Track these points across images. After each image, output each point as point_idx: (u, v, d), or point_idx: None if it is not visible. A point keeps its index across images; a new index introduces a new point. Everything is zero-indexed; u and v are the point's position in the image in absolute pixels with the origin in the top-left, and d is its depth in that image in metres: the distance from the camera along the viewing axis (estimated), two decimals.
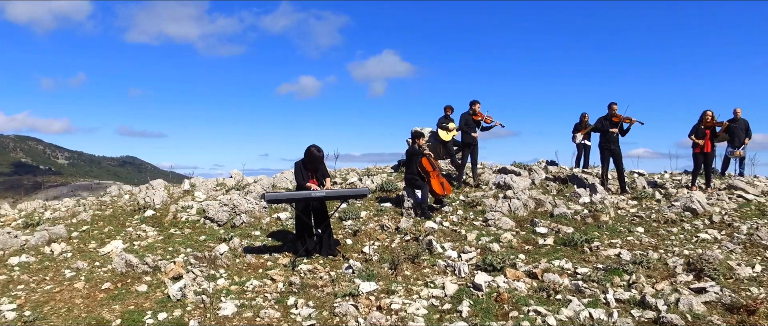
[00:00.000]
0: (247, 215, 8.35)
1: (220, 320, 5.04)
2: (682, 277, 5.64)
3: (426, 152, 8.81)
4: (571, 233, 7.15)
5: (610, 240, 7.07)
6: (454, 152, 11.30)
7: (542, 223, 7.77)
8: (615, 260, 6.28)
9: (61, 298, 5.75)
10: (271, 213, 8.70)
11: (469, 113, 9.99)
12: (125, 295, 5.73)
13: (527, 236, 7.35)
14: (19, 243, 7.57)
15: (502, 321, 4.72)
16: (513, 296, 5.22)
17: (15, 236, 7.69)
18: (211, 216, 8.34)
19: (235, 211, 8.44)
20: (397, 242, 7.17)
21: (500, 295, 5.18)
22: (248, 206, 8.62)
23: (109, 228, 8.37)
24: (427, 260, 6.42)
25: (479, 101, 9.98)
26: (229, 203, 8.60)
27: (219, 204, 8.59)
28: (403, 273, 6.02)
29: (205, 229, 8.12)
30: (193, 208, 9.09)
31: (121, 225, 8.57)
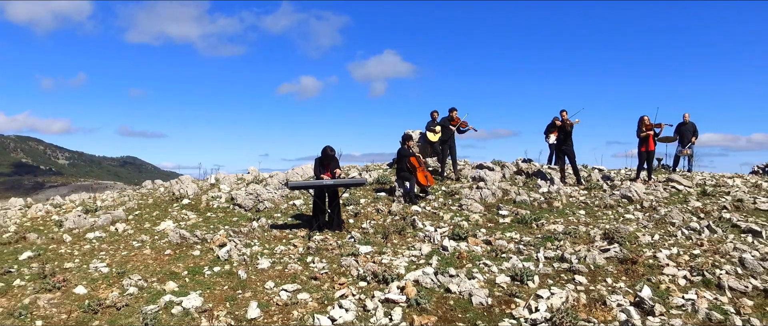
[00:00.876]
0: (269, 202, 10.36)
1: (259, 271, 7.05)
2: (598, 243, 7.65)
3: (414, 151, 10.81)
4: (525, 215, 9.15)
5: (554, 219, 9.08)
6: (439, 150, 13.28)
7: (505, 207, 9.78)
8: (553, 232, 8.29)
9: (136, 259, 7.76)
10: (287, 201, 10.71)
11: (448, 119, 11.99)
12: (184, 257, 7.74)
13: (491, 217, 9.36)
14: (89, 223, 9.57)
15: (459, 269, 6.73)
16: (470, 254, 7.23)
17: (85, 218, 9.70)
18: (239, 203, 10.35)
19: (258, 199, 10.44)
20: (389, 221, 9.17)
21: (461, 254, 7.19)
22: (269, 195, 10.64)
23: (156, 213, 10.38)
24: (410, 232, 8.42)
25: (456, 109, 11.98)
26: (253, 192, 10.61)
27: (245, 193, 10.61)
28: (391, 241, 8.03)
29: (235, 213, 10.13)
30: (222, 197, 11.10)
31: (165, 211, 10.57)
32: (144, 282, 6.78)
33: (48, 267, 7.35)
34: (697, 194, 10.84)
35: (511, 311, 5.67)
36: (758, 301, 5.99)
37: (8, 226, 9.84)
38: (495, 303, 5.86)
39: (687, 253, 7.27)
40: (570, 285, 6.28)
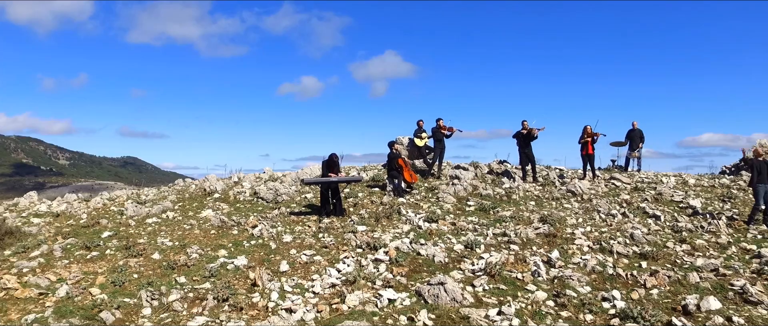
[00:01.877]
0: (285, 195, 13.07)
1: (285, 243, 9.74)
2: (534, 224, 10.34)
3: (401, 153, 13.49)
4: (486, 205, 11.84)
5: (508, 208, 11.78)
6: (426, 154, 15.97)
7: (473, 199, 12.47)
8: (500, 215, 10.98)
9: (191, 236, 10.45)
10: (300, 194, 13.41)
11: (437, 128, 14.68)
12: (226, 235, 10.43)
13: (460, 207, 12.05)
14: (145, 212, 12.26)
15: (428, 240, 9.44)
16: (438, 231, 9.93)
17: (141, 208, 12.39)
18: (262, 196, 13.04)
19: (277, 193, 13.13)
20: (380, 209, 11.85)
21: (431, 231, 9.89)
22: (285, 189, 13.34)
23: (195, 204, 13.07)
24: (396, 217, 11.11)
25: (442, 118, 14.67)
26: (272, 188, 13.31)
27: (266, 188, 13.31)
28: (381, 223, 10.73)
29: (258, 204, 12.82)
30: (247, 192, 13.80)
31: (201, 203, 13.26)
32: (201, 250, 9.49)
33: (127, 241, 10.07)
34: (629, 190, 13.55)
35: (460, 266, 8.37)
36: (633, 261, 8.68)
37: (80, 214, 12.54)
38: (450, 261, 8.56)
39: (597, 231, 9.98)
40: (505, 251, 8.98)
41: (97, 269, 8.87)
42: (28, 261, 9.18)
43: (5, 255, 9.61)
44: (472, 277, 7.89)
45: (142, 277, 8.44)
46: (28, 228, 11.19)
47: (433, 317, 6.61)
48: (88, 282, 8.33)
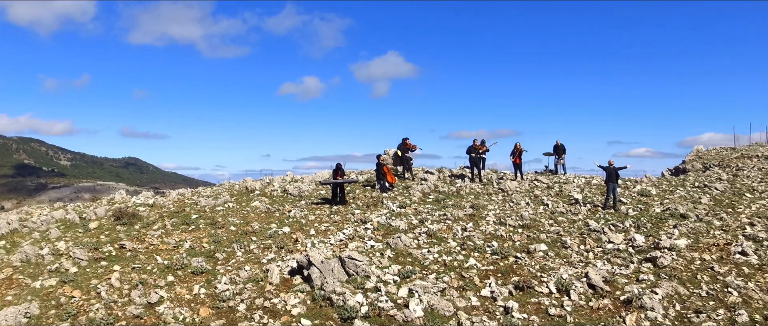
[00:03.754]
0: (306, 192, 19.43)
1: (309, 220, 16.10)
2: (466, 209, 16.68)
3: (386, 162, 19.81)
4: (440, 198, 18.17)
5: (454, 201, 18.12)
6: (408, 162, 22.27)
7: (433, 194, 18.80)
8: (450, 201, 17.31)
9: (250, 217, 16.80)
10: (316, 191, 19.76)
11: (403, 144, 20.96)
12: (272, 216, 16.79)
13: (423, 199, 18.39)
14: (213, 203, 18.59)
15: (398, 218, 15.80)
16: (405, 213, 16.30)
17: (210, 200, 18.72)
18: (290, 192, 19.39)
19: (300, 190, 19.48)
20: (371, 200, 18.16)
21: (400, 213, 16.26)
22: (305, 188, 19.70)
23: (244, 198, 19.41)
24: (381, 205, 17.44)
25: (408, 137, 20.97)
26: (296, 186, 19.66)
27: (292, 187, 19.66)
28: (370, 208, 17.08)
29: (288, 198, 19.16)
30: (278, 189, 20.15)
31: (248, 197, 19.58)
32: (259, 225, 15.85)
33: (210, 220, 16.42)
34: (543, 188, 19.89)
35: (413, 231, 14.70)
36: (516, 229, 15.00)
37: (168, 205, 18.86)
38: (408, 228, 14.91)
39: (503, 212, 16.32)
40: (442, 224, 15.32)
41: (200, 235, 15.21)
42: (154, 231, 15.53)
43: (136, 228, 15.96)
44: (418, 236, 14.23)
45: (229, 239, 14.77)
46: (141, 212, 17.55)
47: (393, 253, 12.95)
48: (198, 241, 14.67)
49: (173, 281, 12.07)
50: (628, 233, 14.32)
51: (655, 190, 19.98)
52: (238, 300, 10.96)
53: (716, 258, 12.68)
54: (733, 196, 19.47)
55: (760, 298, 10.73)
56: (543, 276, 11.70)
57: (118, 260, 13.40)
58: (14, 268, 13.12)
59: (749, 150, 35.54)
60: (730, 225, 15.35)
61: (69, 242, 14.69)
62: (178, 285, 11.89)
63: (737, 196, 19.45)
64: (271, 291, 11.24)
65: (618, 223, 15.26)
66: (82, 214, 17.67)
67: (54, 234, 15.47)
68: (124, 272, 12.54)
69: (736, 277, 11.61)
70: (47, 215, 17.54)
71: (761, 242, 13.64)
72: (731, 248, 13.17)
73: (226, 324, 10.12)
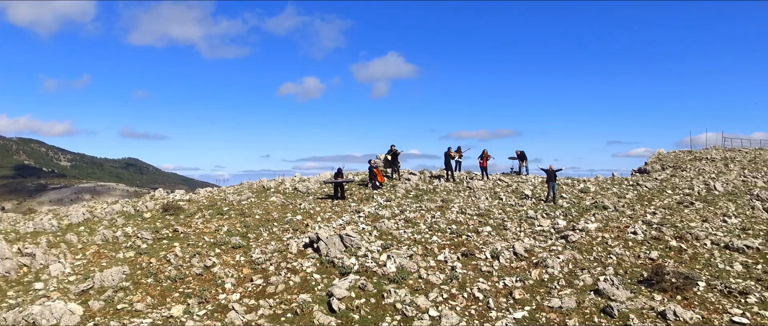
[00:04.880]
0: (313, 189, 24.47)
1: (316, 211, 21.15)
2: (437, 203, 21.71)
3: (377, 165, 24.86)
4: (419, 194, 23.19)
5: (429, 196, 23.14)
6: (396, 165, 27.26)
7: (414, 191, 23.82)
8: (426, 197, 22.33)
9: (270, 209, 21.85)
10: (321, 189, 24.81)
11: (391, 151, 25.98)
12: (287, 208, 21.84)
13: (405, 195, 23.42)
14: (238, 198, 23.60)
15: (384, 208, 20.84)
16: (390, 205, 21.35)
17: (237, 196, 23.75)
18: (299, 190, 24.43)
19: (308, 188, 24.52)
20: (363, 196, 23.16)
21: (387, 205, 21.31)
22: (312, 186, 24.75)
23: (263, 195, 24.43)
24: (372, 200, 22.47)
25: (395, 144, 25.99)
26: (305, 185, 24.71)
27: (301, 186, 24.70)
28: (363, 202, 22.12)
29: (298, 194, 24.19)
30: (289, 188, 25.19)
31: (266, 193, 24.61)
32: (277, 214, 20.89)
33: (239, 211, 21.43)
34: (503, 186, 24.91)
35: (394, 219, 19.73)
36: (473, 216, 20.01)
37: (202, 200, 23.87)
38: (390, 216, 19.94)
39: (466, 204, 21.35)
40: (418, 214, 20.34)
41: (233, 222, 20.22)
42: (196, 219, 20.54)
43: (181, 217, 20.95)
44: (398, 221, 19.25)
45: (255, 224, 19.78)
46: (182, 204, 22.55)
47: (378, 232, 17.98)
48: (233, 226, 19.68)
49: (219, 252, 17.08)
50: (555, 219, 19.35)
51: (594, 187, 25.03)
52: (268, 264, 15.98)
53: (613, 236, 17.70)
54: (656, 192, 24.51)
55: (630, 260, 15.74)
56: (484, 248, 16.71)
57: (175, 239, 18.43)
58: (99, 245, 18.15)
59: (702, 153, 40.69)
60: (638, 214, 20.39)
61: (133, 227, 19.71)
62: (223, 255, 16.90)
63: (659, 192, 24.50)
64: (291, 258, 16.26)
65: (551, 212, 20.31)
66: (135, 207, 22.71)
67: (120, 222, 20.51)
68: (182, 247, 17.57)
69: (621, 248, 16.63)
70: (108, 207, 22.61)
71: (652, 225, 18.67)
72: (628, 229, 18.19)
73: (263, 278, 15.13)
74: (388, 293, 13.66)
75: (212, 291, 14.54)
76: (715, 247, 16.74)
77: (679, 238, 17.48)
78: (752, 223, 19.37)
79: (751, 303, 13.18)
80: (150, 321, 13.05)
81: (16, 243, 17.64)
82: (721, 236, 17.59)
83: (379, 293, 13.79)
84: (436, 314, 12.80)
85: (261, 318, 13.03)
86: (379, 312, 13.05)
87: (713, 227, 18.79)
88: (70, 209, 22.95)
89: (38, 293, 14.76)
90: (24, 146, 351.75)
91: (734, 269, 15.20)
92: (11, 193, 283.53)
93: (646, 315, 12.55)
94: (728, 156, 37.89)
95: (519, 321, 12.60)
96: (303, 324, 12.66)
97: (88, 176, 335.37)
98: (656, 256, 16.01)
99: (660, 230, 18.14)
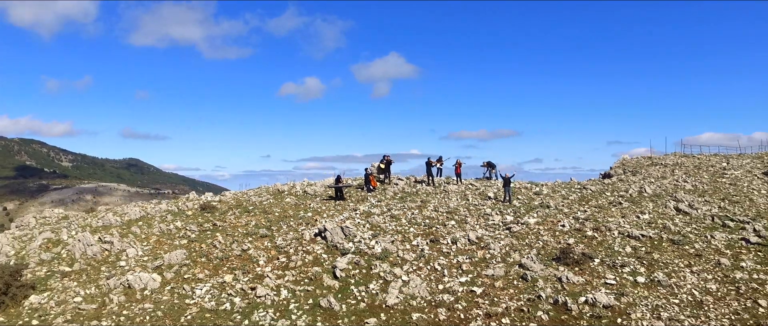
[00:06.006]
0: (319, 192, 30.83)
1: (323, 209, 27.51)
2: (417, 203, 28.03)
3: (371, 172, 31.19)
4: (405, 196, 29.51)
5: (411, 199, 29.47)
6: (387, 172, 33.54)
7: (400, 194, 30.13)
8: (409, 198, 28.65)
9: (286, 207, 28.19)
10: (326, 192, 31.16)
11: (384, 159, 32.31)
12: (299, 206, 28.19)
13: (393, 196, 29.74)
14: (259, 200, 29.92)
15: (375, 207, 27.18)
16: (380, 206, 27.70)
17: (258, 198, 30.09)
18: (309, 193, 30.78)
19: (315, 191, 30.87)
20: (359, 197, 29.44)
21: (377, 205, 27.65)
22: (319, 190, 31.12)
23: (279, 197, 30.76)
24: (366, 200, 28.79)
25: (389, 154, 32.34)
26: (313, 189, 31.08)
27: (310, 189, 31.06)
28: (359, 202, 28.46)
29: (307, 196, 30.53)
30: (300, 191, 31.54)
31: (281, 196, 30.94)
32: (293, 212, 27.24)
33: (262, 209, 27.76)
34: (473, 190, 31.21)
35: (383, 215, 26.03)
36: (443, 213, 26.30)
37: (229, 201, 30.19)
38: (380, 213, 26.26)
39: (439, 204, 27.65)
40: (401, 211, 26.64)
41: (258, 218, 26.53)
42: (229, 216, 26.87)
43: (216, 215, 27.28)
44: (385, 217, 25.54)
45: (276, 219, 26.09)
46: (215, 204, 28.85)
47: (369, 225, 24.30)
48: (258, 221, 25.99)
49: (251, 240, 23.36)
50: (505, 216, 25.64)
51: (547, 191, 31.33)
52: (289, 248, 22.25)
53: (546, 228, 23.97)
54: (597, 194, 30.79)
55: (552, 244, 21.99)
56: (447, 236, 22.97)
57: (216, 231, 24.71)
58: (157, 235, 24.44)
59: (660, 159, 46.93)
60: (572, 212, 26.67)
61: (181, 222, 25.98)
62: (255, 242, 23.17)
63: (599, 194, 30.78)
64: (306, 243, 22.53)
65: (504, 210, 26.59)
66: (178, 206, 29.02)
67: (169, 218, 26.81)
68: (223, 236, 23.86)
69: (550, 236, 22.89)
70: (156, 207, 28.94)
71: (579, 219, 24.94)
72: (559, 223, 24.45)
73: (286, 257, 21.40)
74: (374, 266, 19.98)
75: (250, 266, 20.85)
76: (619, 236, 23.03)
77: (595, 229, 23.78)
78: (658, 219, 25.63)
79: (625, 272, 19.49)
80: (210, 285, 19.37)
81: (95, 234, 23.93)
82: (628, 228, 23.86)
83: (369, 266, 20.10)
84: (406, 279, 19.10)
85: (287, 282, 19.35)
86: (368, 278, 19.36)
87: (626, 222, 25.05)
88: (126, 209, 29.25)
89: (124, 268, 21.05)
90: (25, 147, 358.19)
91: (625, 250, 21.49)
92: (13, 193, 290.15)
93: (549, 279, 18.85)
94: (680, 162, 44.12)
95: (463, 283, 18.91)
96: (315, 286, 18.95)
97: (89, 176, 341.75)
98: (572, 242, 22.31)
99: (583, 223, 24.44)
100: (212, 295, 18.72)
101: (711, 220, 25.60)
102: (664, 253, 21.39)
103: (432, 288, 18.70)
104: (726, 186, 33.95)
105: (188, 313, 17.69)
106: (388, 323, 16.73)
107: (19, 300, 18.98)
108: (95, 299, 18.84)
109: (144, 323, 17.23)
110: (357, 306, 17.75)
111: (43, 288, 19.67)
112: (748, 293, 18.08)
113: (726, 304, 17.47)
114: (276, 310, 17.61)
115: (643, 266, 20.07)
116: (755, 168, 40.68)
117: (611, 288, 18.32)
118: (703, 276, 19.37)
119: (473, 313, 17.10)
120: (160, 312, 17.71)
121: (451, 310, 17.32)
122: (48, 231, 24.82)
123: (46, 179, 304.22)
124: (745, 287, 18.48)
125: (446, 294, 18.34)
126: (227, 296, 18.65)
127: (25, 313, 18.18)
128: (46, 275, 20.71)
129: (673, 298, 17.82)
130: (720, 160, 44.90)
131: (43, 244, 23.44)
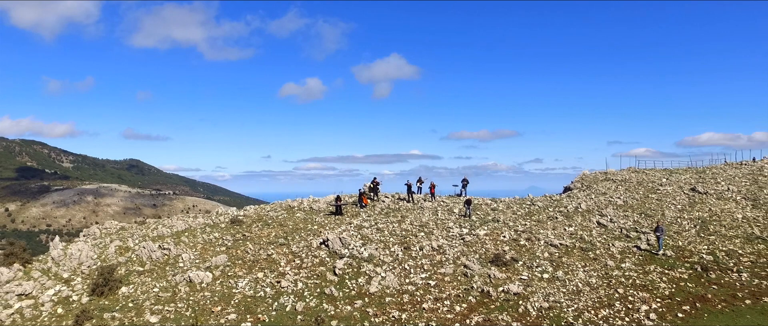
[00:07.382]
0: (322, 208, 40.09)
1: (327, 223, 36.76)
2: (398, 217, 37.23)
3: (364, 191, 40.37)
4: (390, 212, 38.70)
5: (394, 214, 38.67)
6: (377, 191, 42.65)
7: (386, 210, 39.33)
8: (392, 214, 37.83)
9: (297, 222, 37.42)
10: (328, 208, 40.40)
11: (373, 182, 41.49)
12: (308, 220, 37.41)
13: (381, 212, 38.96)
14: (276, 215, 39.13)
15: (367, 221, 36.42)
16: (371, 219, 36.94)
17: (273, 213, 39.34)
18: (314, 209, 40.04)
19: (319, 208, 40.12)
20: (353, 213, 38.58)
21: (367, 220, 36.90)
22: (322, 206, 40.41)
23: (290, 212, 39.96)
24: (359, 216, 37.97)
25: (376, 177, 41.51)
26: (318, 206, 40.36)
27: (315, 206, 40.32)
28: (354, 217, 37.68)
29: (314, 211, 39.76)
30: (307, 207, 40.78)
31: (293, 211, 40.14)
32: (303, 225, 36.49)
33: (279, 223, 36.99)
34: (444, 207, 40.37)
35: (371, 227, 35.21)
36: (416, 226, 35.46)
37: (252, 215, 39.37)
38: (369, 226, 35.48)
39: (415, 219, 36.84)
40: (384, 225, 35.82)
41: (277, 230, 35.72)
42: (254, 228, 36.10)
43: (243, 227, 36.50)
44: (372, 230, 34.72)
45: (291, 231, 35.28)
46: (241, 218, 38.03)
47: (360, 236, 33.52)
48: (277, 232, 35.19)
49: (273, 247, 32.51)
50: (462, 228, 34.76)
51: (502, 206, 40.47)
52: (302, 253, 31.43)
53: (491, 238, 33.09)
54: (542, 209, 39.92)
55: (492, 251, 31.11)
56: (416, 244, 32.07)
57: (246, 241, 33.90)
58: (202, 244, 33.64)
59: (612, 175, 55.93)
60: (516, 225, 35.78)
61: (217, 233, 35.13)
62: (276, 249, 32.32)
63: (543, 209, 39.92)
64: (313, 250, 31.68)
65: (463, 224, 35.70)
66: (213, 220, 38.22)
67: (208, 230, 36.01)
68: (252, 244, 33.02)
69: (492, 245, 32.01)
70: (197, 221, 38.21)
71: (517, 231, 34.07)
72: (501, 235, 33.59)
73: (299, 260, 30.56)
74: (363, 266, 29.18)
75: (274, 266, 30.03)
76: (544, 244, 32.17)
77: (528, 239, 32.93)
78: (580, 231, 34.75)
79: (537, 271, 28.64)
80: (248, 279, 28.57)
81: (155, 242, 33.12)
82: (552, 238, 32.99)
83: (359, 266, 29.29)
84: (384, 275, 28.27)
85: (302, 277, 28.55)
86: (358, 274, 28.54)
87: (554, 233, 34.19)
88: (173, 222, 38.44)
89: (183, 268, 30.23)
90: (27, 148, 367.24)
91: (544, 256, 30.65)
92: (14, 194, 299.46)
93: (482, 276, 28.01)
94: (628, 178, 53.15)
95: (423, 278, 28.09)
96: (321, 280, 28.11)
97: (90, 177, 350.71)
98: (507, 249, 31.46)
99: (520, 235, 33.62)
100: (250, 287, 27.90)
101: (619, 231, 34.76)
102: (572, 257, 30.55)
103: (401, 282, 27.86)
104: (652, 201, 43.01)
105: (235, 298, 26.87)
106: (370, 304, 25.90)
107: (115, 291, 28.18)
108: (168, 289, 28.01)
109: (206, 305, 26.40)
110: (349, 293, 26.93)
111: (128, 282, 28.83)
112: (614, 285, 27.23)
113: (596, 292, 26.62)
114: (295, 296, 26.78)
115: (552, 266, 29.21)
116: (687, 183, 49.59)
117: (523, 282, 27.46)
118: (590, 273, 28.52)
119: (426, 297, 26.27)
120: (216, 297, 26.90)
121: (412, 295, 26.53)
122: (117, 240, 34.05)
123: (48, 180, 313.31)
124: (615, 281, 27.63)
125: (411, 285, 27.50)
126: (261, 287, 27.82)
127: (122, 298, 27.36)
128: (126, 273, 29.89)
129: (563, 288, 26.97)
130: (662, 176, 53.89)
131: (116, 250, 32.66)
